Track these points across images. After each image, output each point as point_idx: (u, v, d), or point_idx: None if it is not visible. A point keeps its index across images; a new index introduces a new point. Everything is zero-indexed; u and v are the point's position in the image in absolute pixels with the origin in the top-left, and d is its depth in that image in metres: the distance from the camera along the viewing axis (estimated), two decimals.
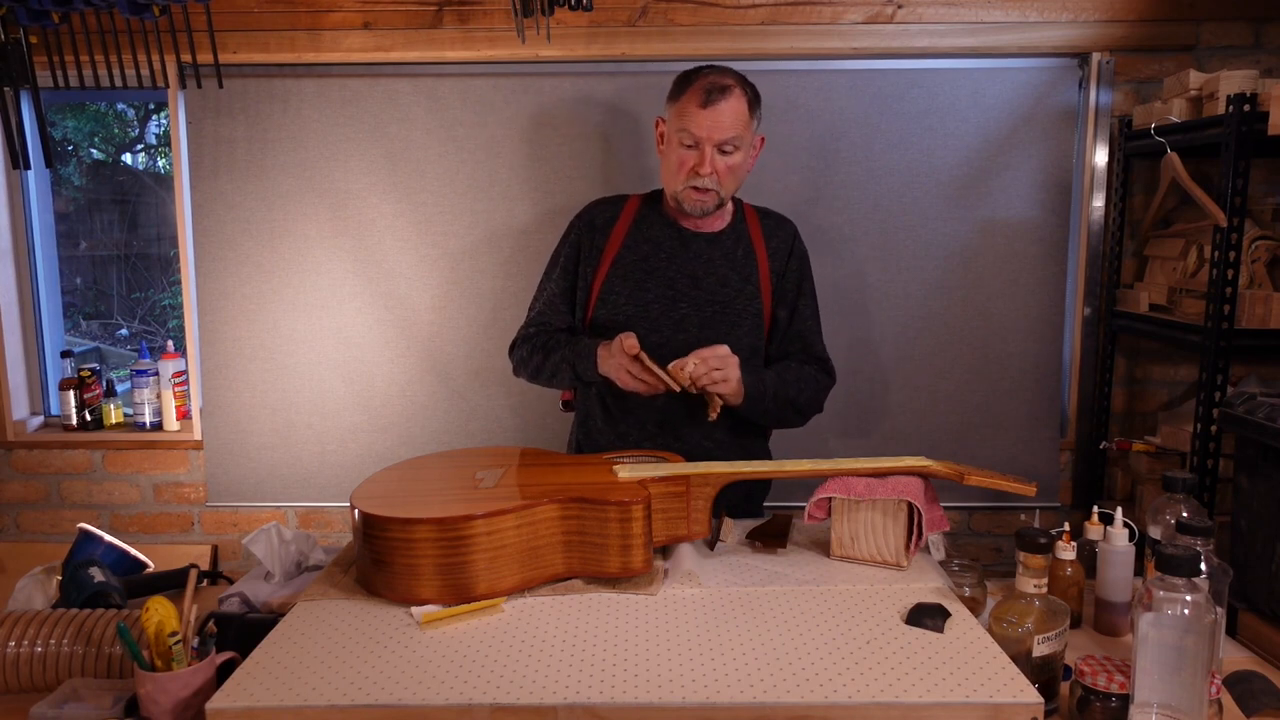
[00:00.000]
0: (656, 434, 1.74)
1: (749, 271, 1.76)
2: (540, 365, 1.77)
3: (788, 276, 1.79)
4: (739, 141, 1.66)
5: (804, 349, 1.80)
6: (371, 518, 1.24)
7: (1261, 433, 1.37)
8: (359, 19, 2.36)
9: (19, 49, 1.94)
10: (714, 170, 1.65)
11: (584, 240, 1.79)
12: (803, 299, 1.80)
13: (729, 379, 1.59)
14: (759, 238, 1.79)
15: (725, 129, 1.64)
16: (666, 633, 1.15)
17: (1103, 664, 1.10)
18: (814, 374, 1.78)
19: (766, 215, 1.83)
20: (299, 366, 2.49)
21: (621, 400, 1.74)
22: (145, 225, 2.78)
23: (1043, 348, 2.45)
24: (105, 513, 2.63)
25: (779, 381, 1.71)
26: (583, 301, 1.78)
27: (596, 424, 1.81)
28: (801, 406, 1.76)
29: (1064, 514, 2.52)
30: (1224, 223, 1.92)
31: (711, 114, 1.62)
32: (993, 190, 2.39)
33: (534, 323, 1.82)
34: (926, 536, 1.39)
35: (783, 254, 1.79)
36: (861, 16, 2.34)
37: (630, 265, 1.75)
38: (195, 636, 1.12)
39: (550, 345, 1.75)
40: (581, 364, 1.69)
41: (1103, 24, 2.32)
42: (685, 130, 1.65)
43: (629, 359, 1.58)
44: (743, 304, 1.74)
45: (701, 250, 1.76)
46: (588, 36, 2.34)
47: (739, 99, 1.65)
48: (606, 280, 1.75)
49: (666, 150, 1.72)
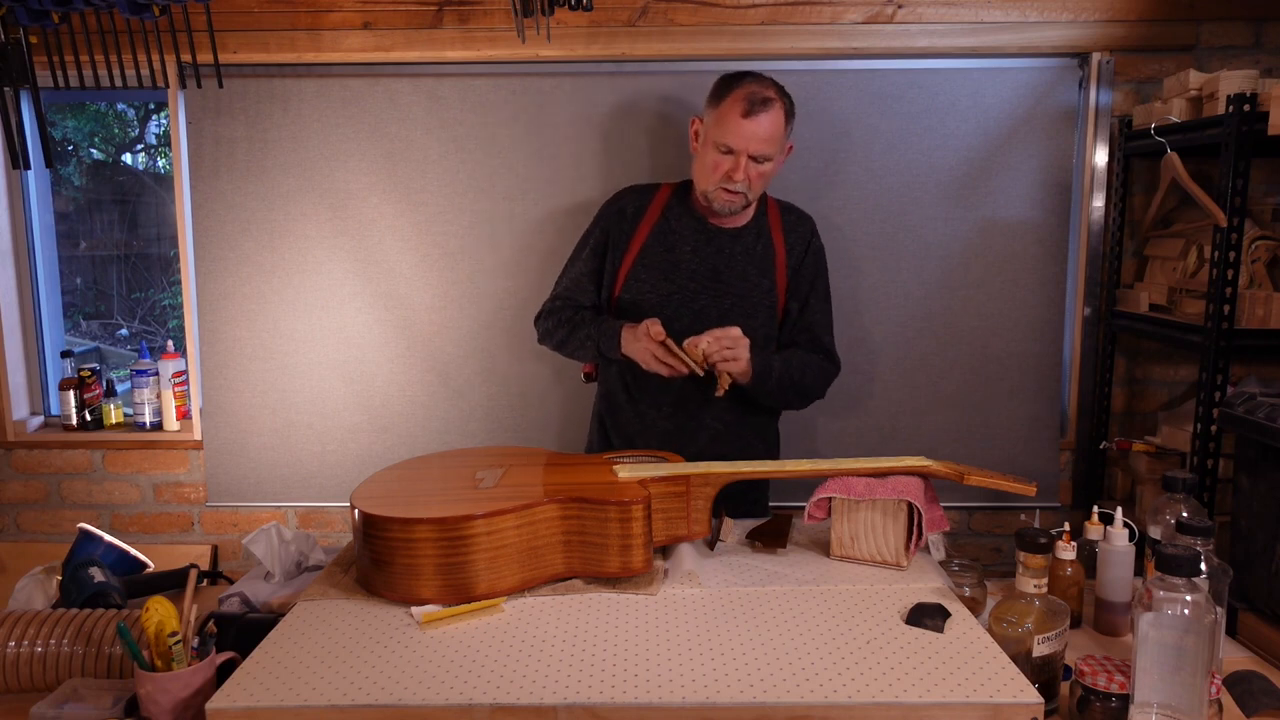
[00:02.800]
0: (672, 413, 1.85)
1: (767, 266, 1.84)
2: (565, 339, 1.87)
3: (803, 271, 1.87)
4: (773, 152, 1.73)
5: (811, 340, 1.88)
6: (371, 518, 1.24)
7: (1261, 433, 1.37)
8: (359, 19, 2.36)
9: (19, 49, 1.94)
10: (747, 177, 1.72)
11: (613, 226, 1.88)
12: (815, 293, 1.89)
13: (739, 358, 1.68)
14: (779, 233, 1.87)
15: (763, 141, 1.70)
16: (666, 633, 1.15)
17: (1103, 664, 1.10)
18: (819, 362, 1.88)
19: (788, 211, 1.91)
20: (299, 366, 2.49)
21: (641, 380, 1.84)
22: (145, 225, 2.78)
23: (1043, 348, 2.44)
24: (105, 513, 2.63)
25: (785, 366, 1.79)
26: (609, 284, 1.88)
27: (619, 400, 1.92)
28: (804, 391, 1.86)
29: (1064, 514, 2.52)
30: (1224, 223, 1.92)
31: (752, 125, 1.69)
32: (993, 190, 2.39)
33: (560, 296, 1.93)
34: (926, 536, 1.39)
35: (800, 249, 1.87)
36: (861, 16, 2.34)
37: (656, 255, 1.84)
38: (195, 636, 1.12)
39: (576, 321, 1.85)
40: (606, 343, 1.79)
41: (1103, 24, 2.32)
42: (724, 137, 1.70)
43: (655, 344, 1.67)
44: (759, 297, 1.83)
45: (725, 245, 1.84)
46: (588, 36, 2.34)
47: (778, 111, 1.71)
48: (633, 268, 1.84)
49: (701, 150, 1.78)
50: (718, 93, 1.75)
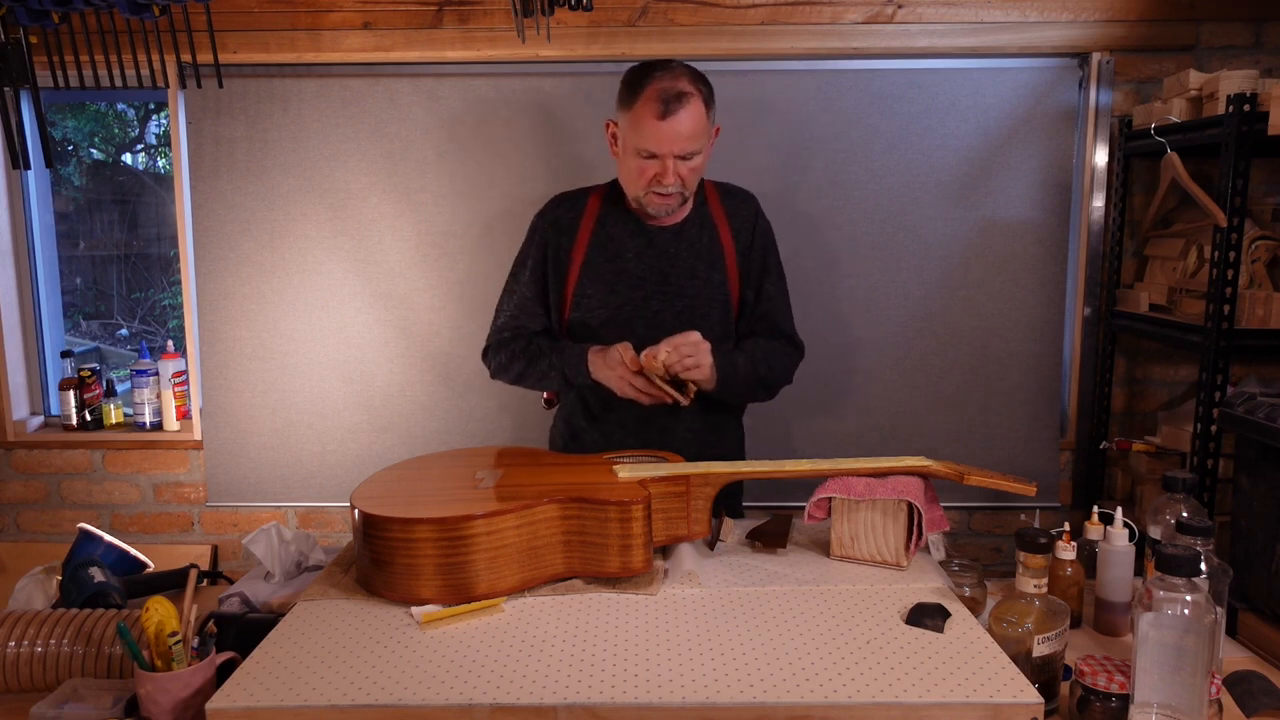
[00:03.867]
0: (638, 430, 1.74)
1: (715, 258, 1.73)
2: (524, 371, 1.75)
3: (752, 256, 1.76)
4: (699, 146, 1.61)
5: (770, 328, 1.78)
6: (371, 518, 1.24)
7: (1261, 433, 1.37)
8: (359, 19, 2.36)
9: (19, 49, 1.94)
10: (677, 177, 1.61)
11: (550, 241, 1.75)
12: (768, 277, 1.77)
13: (701, 364, 1.58)
14: (722, 219, 1.75)
15: (685, 139, 1.58)
16: (666, 633, 1.15)
17: (1103, 664, 1.10)
18: (782, 349, 1.78)
19: (729, 194, 1.78)
20: (299, 366, 2.49)
21: (605, 399, 1.73)
22: (145, 225, 2.78)
23: (1043, 348, 2.44)
24: (105, 513, 2.63)
25: (749, 361, 1.71)
26: (557, 305, 1.76)
27: (579, 422, 1.81)
28: (770, 383, 1.76)
29: (1064, 514, 2.52)
30: (1224, 223, 1.92)
31: (671, 125, 1.56)
32: (993, 190, 2.39)
33: (507, 327, 1.78)
34: (926, 536, 1.39)
35: (746, 233, 1.75)
36: (861, 16, 2.34)
37: (599, 267, 1.72)
38: (195, 636, 1.12)
39: (533, 352, 1.73)
40: (572, 371, 1.67)
41: (1103, 24, 2.32)
42: (643, 142, 1.58)
43: (632, 373, 1.58)
44: (711, 293, 1.73)
45: (667, 245, 1.72)
46: (588, 36, 2.34)
47: (696, 104, 1.57)
48: (578, 284, 1.73)
49: (623, 156, 1.66)
50: (627, 94, 1.60)
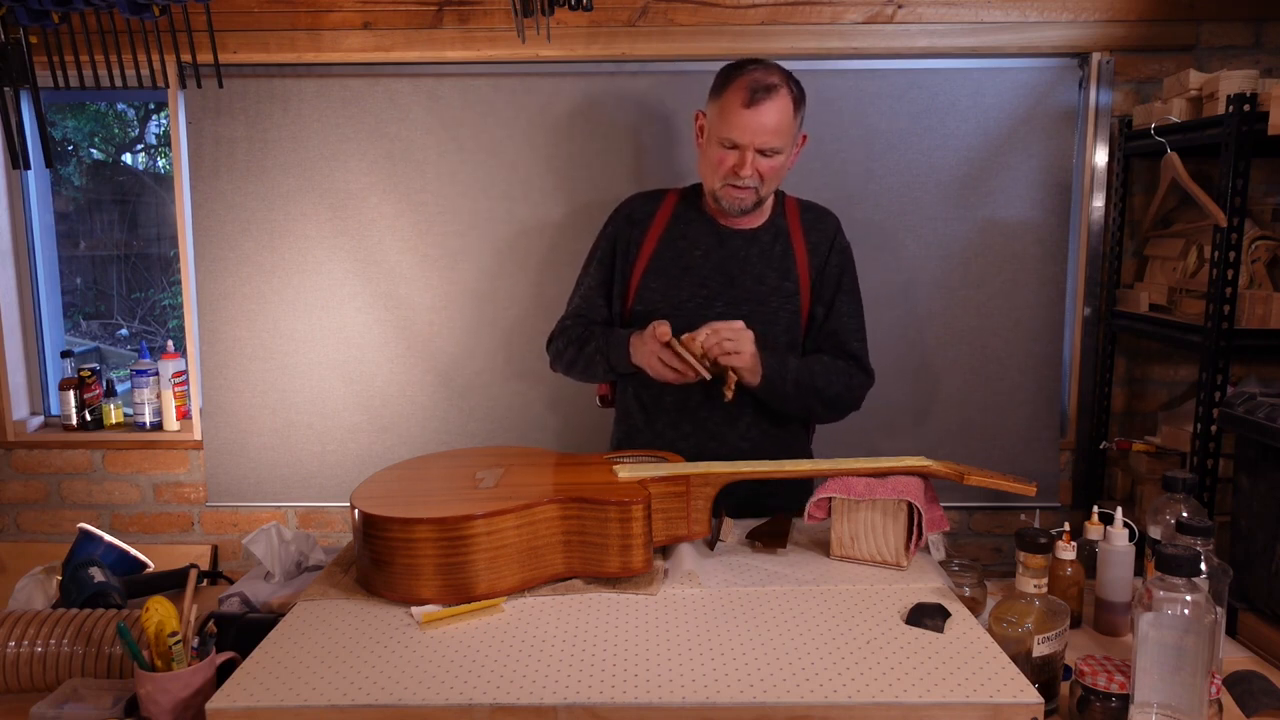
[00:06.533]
0: (692, 432, 1.72)
1: (787, 268, 1.72)
2: (574, 358, 1.74)
3: (827, 273, 1.74)
4: (782, 144, 1.61)
5: (836, 346, 1.74)
6: (371, 518, 1.24)
7: (1261, 433, 1.37)
8: (359, 19, 2.36)
9: (19, 49, 1.94)
10: (755, 172, 1.61)
11: (621, 234, 1.77)
12: (841, 295, 1.75)
13: (741, 350, 1.55)
14: (798, 233, 1.74)
15: (768, 132, 1.59)
16: (666, 633, 1.15)
17: (1103, 664, 1.10)
18: (845, 368, 1.72)
19: (808, 209, 1.78)
20: (299, 366, 2.49)
21: (657, 399, 1.73)
22: (145, 225, 2.78)
23: (1043, 348, 2.44)
24: (105, 513, 2.63)
25: (802, 368, 1.66)
26: (620, 295, 1.76)
27: (636, 422, 1.78)
28: (830, 399, 1.71)
29: (1064, 514, 2.52)
30: (1224, 223, 1.92)
31: (755, 115, 1.57)
32: (993, 190, 2.39)
33: (571, 315, 1.80)
34: (926, 536, 1.39)
35: (823, 249, 1.74)
36: (861, 16, 2.34)
37: (667, 262, 1.73)
38: (195, 636, 1.12)
39: (585, 337, 1.73)
40: (614, 354, 1.66)
41: (1103, 24, 2.32)
42: (727, 131, 1.60)
43: (660, 345, 1.55)
44: (779, 301, 1.71)
45: (738, 248, 1.72)
46: (588, 36, 2.34)
47: (784, 99, 1.59)
48: (643, 277, 1.73)
49: (706, 146, 1.67)
50: (719, 84, 1.64)
